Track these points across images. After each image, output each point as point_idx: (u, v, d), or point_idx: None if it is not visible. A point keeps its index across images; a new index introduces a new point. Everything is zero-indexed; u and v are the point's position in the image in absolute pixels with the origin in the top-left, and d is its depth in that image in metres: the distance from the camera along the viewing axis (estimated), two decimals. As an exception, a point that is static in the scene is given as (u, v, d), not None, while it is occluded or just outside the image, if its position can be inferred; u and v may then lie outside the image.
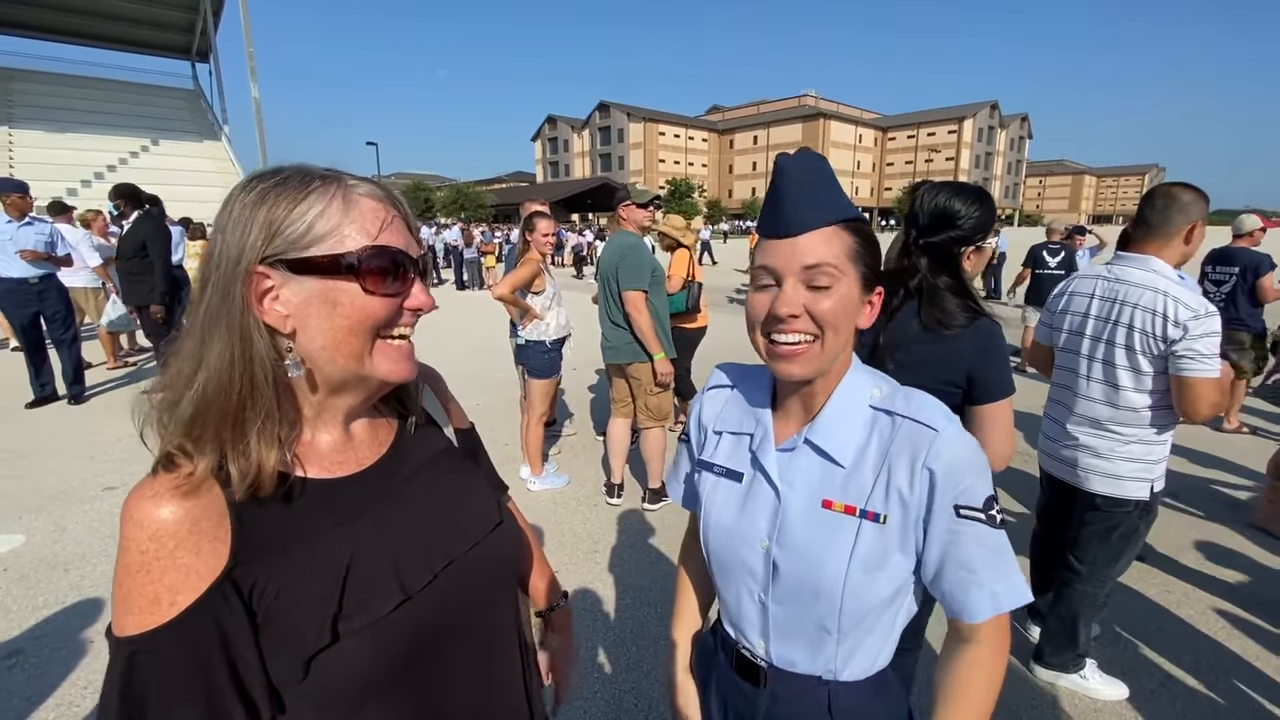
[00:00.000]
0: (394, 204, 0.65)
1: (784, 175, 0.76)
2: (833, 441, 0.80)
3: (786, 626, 0.83)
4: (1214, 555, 3.12)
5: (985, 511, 0.75)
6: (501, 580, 0.79)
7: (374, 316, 0.62)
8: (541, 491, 3.88)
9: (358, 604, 0.61)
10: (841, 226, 0.76)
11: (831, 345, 0.77)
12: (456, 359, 7.55)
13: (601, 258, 3.51)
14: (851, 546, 0.77)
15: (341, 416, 0.68)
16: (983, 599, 0.75)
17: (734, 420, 0.91)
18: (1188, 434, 4.83)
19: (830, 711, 0.83)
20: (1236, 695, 2.20)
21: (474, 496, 0.79)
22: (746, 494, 0.86)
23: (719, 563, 0.89)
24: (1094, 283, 2.02)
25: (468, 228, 18.18)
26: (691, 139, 80.00)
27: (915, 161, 78.67)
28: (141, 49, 24.01)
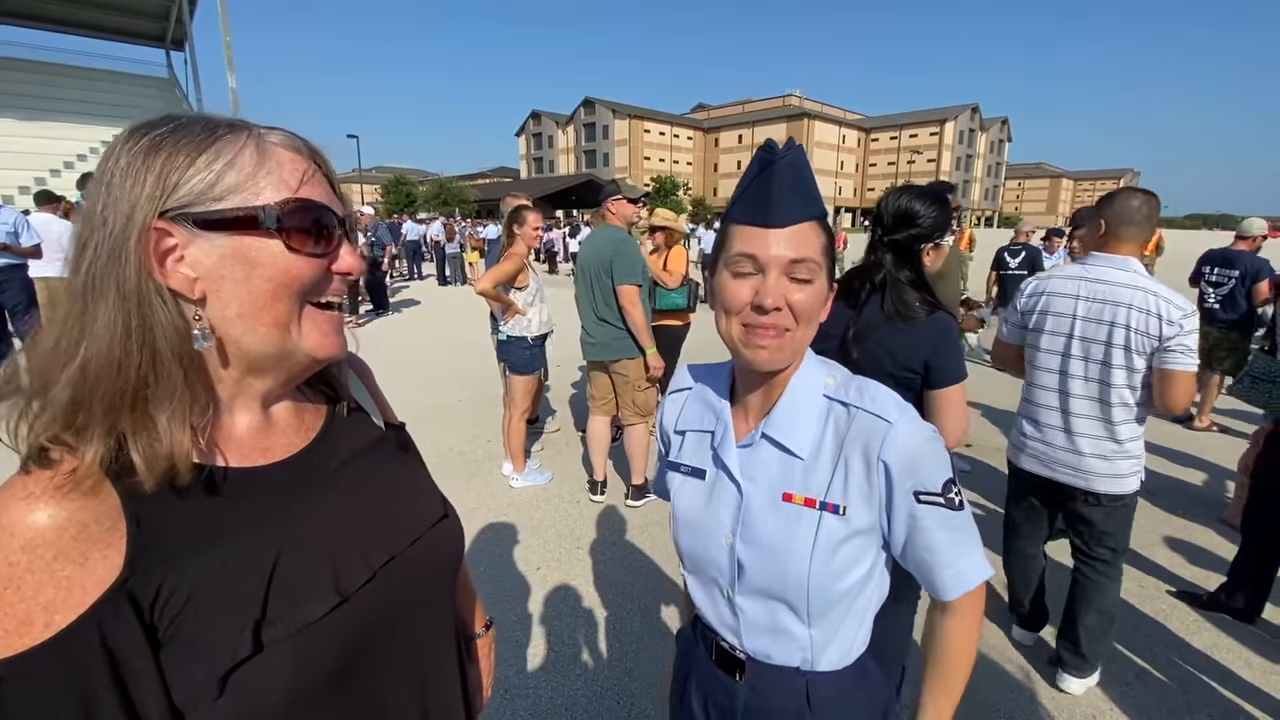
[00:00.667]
0: (314, 156, 0.59)
1: (776, 165, 0.75)
2: (790, 434, 0.81)
3: (756, 622, 0.84)
4: (1186, 551, 3.19)
5: (944, 495, 0.78)
6: (444, 578, 0.73)
7: (300, 278, 0.56)
8: (524, 488, 3.85)
9: (285, 608, 0.54)
10: (818, 223, 0.78)
11: (803, 338, 0.79)
12: (438, 355, 7.47)
13: (585, 252, 3.46)
14: (814, 539, 0.78)
15: (260, 399, 0.61)
16: (948, 579, 0.80)
17: (695, 419, 0.92)
18: (1160, 432, 4.94)
19: (809, 702, 0.83)
20: (1208, 687, 2.25)
21: (415, 488, 0.73)
22: (710, 491, 0.87)
23: (690, 560, 0.91)
24: (1073, 284, 2.03)
25: (450, 222, 17.97)
26: (677, 136, 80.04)
27: (898, 163, 79.51)
28: (114, 36, 23.39)
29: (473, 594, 0.93)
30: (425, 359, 7.30)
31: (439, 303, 12.21)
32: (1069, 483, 2.09)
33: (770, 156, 0.76)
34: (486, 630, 0.95)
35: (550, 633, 2.51)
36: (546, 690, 2.20)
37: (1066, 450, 2.07)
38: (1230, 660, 2.38)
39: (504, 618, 2.60)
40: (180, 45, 23.22)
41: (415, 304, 12.06)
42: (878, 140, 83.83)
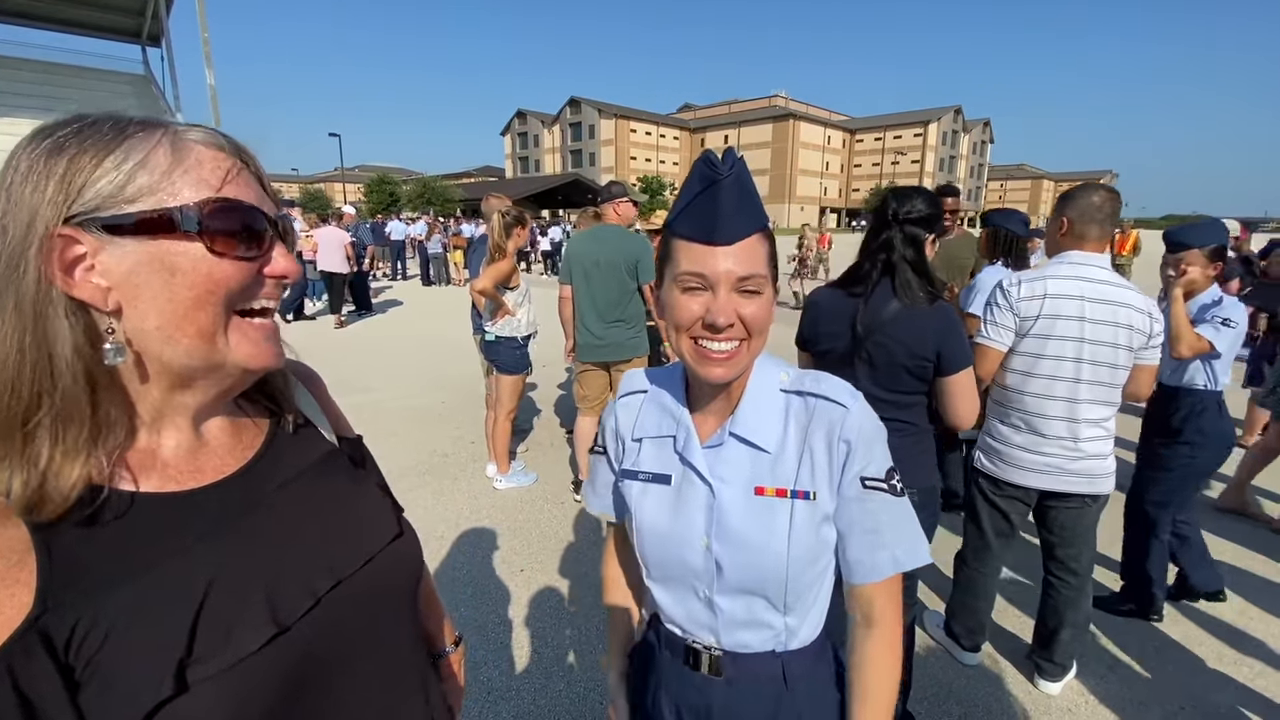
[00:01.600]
0: (238, 153, 0.55)
1: (721, 183, 0.74)
2: (756, 431, 0.83)
3: (735, 618, 0.84)
4: (1159, 545, 3.25)
5: (887, 481, 0.82)
6: (399, 600, 0.69)
7: (226, 284, 0.52)
8: (508, 490, 3.83)
9: (216, 642, 0.49)
10: (762, 233, 0.78)
11: (756, 348, 0.80)
12: (421, 356, 7.42)
13: (596, 250, 3.35)
14: (789, 527, 0.80)
15: (190, 417, 0.57)
16: (885, 559, 0.82)
17: (652, 425, 0.91)
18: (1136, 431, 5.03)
19: (785, 680, 0.86)
20: (1177, 677, 2.30)
21: (366, 506, 0.68)
22: (678, 495, 0.86)
23: (659, 568, 0.88)
24: (1074, 285, 1.93)
25: (435, 222, 17.82)
26: (663, 136, 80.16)
27: (882, 164, 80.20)
28: (88, 31, 22.92)
29: (440, 609, 0.90)
30: (408, 360, 7.24)
31: (423, 303, 12.11)
32: (1073, 490, 2.01)
33: (714, 174, 0.74)
34: (456, 646, 0.91)
35: (534, 635, 2.50)
36: (530, 692, 2.20)
37: (1075, 457, 1.98)
38: (1202, 651, 2.43)
39: (487, 620, 2.59)
40: (157, 41, 22.77)
41: (398, 304, 11.96)
42: (862, 141, 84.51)
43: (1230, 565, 3.06)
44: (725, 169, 0.74)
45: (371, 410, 5.33)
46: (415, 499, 3.70)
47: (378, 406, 5.45)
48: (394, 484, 0.75)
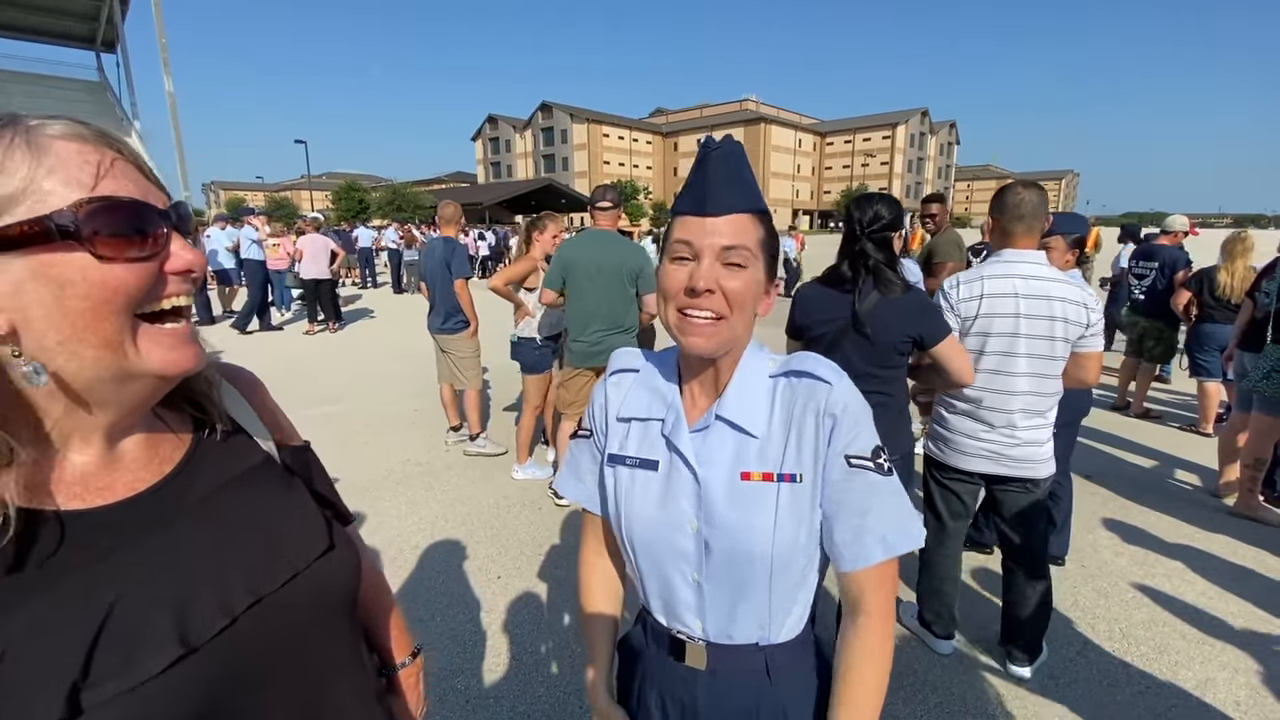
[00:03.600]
0: (109, 144, 0.50)
1: (711, 158, 0.78)
2: (743, 414, 0.83)
3: (723, 601, 0.84)
4: (1123, 531, 3.34)
5: (874, 460, 0.80)
6: (331, 617, 0.65)
7: (124, 290, 0.48)
8: (486, 497, 3.80)
9: (115, 665, 0.47)
10: (756, 216, 0.79)
11: (736, 325, 0.79)
12: (394, 364, 7.31)
13: (598, 256, 3.28)
14: (775, 510, 0.80)
15: (103, 431, 0.54)
16: (873, 542, 0.79)
17: (641, 406, 0.90)
18: (1100, 419, 5.18)
19: (768, 673, 0.86)
20: (1145, 658, 2.36)
21: (295, 518, 0.65)
22: (667, 480, 0.85)
23: (647, 554, 0.87)
24: (1008, 283, 2.04)
25: (409, 229, 17.59)
26: (636, 141, 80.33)
27: (852, 166, 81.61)
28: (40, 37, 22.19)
29: (397, 623, 0.87)
30: (380, 368, 7.13)
31: (394, 311, 11.94)
32: (1015, 474, 2.13)
33: (705, 150, 0.79)
34: (413, 659, 0.88)
35: (512, 641, 2.47)
36: (509, 699, 2.17)
37: (1019, 444, 2.10)
38: (1166, 634, 2.50)
39: (464, 628, 2.54)
40: (111, 47, 22.18)
41: (369, 313, 11.77)
42: (832, 144, 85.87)
43: (1190, 546, 3.16)
44: (715, 145, 0.78)
45: (343, 420, 5.22)
46: (389, 507, 3.63)
47: (349, 416, 5.34)
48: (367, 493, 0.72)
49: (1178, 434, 4.86)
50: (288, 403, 0.81)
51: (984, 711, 2.11)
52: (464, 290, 4.19)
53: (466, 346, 4.31)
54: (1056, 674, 2.27)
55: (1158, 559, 3.06)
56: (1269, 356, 3.31)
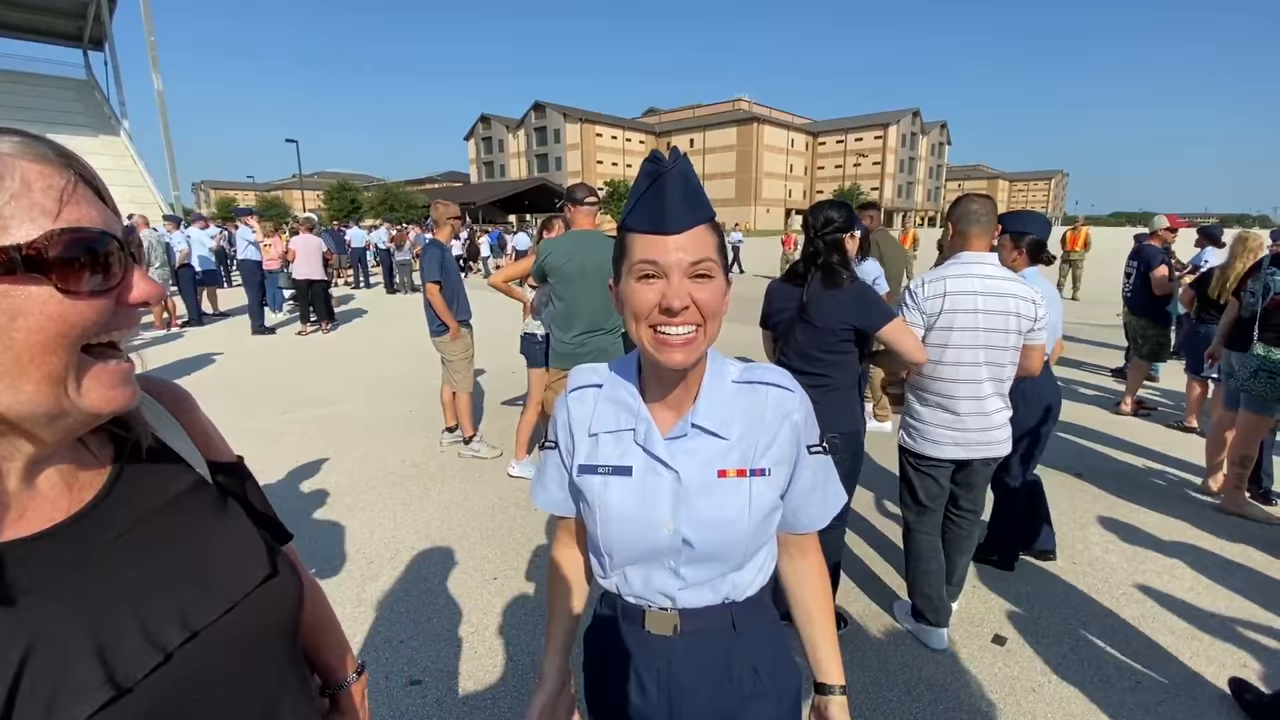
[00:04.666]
0: (69, 164, 0.47)
1: (666, 175, 0.80)
2: (716, 420, 0.89)
3: (697, 580, 0.91)
4: (1114, 528, 3.38)
5: (821, 444, 0.97)
6: (274, 644, 0.63)
7: (81, 324, 0.45)
8: (482, 498, 3.79)
9: (37, 712, 0.44)
10: (710, 225, 0.83)
11: (711, 333, 0.83)
12: (388, 365, 7.28)
13: (573, 257, 3.25)
14: (749, 502, 0.88)
15: (21, 464, 0.50)
16: (826, 510, 0.98)
17: (610, 419, 0.93)
18: (1092, 418, 5.23)
19: (734, 628, 0.94)
20: (1135, 653, 2.39)
21: (231, 544, 0.61)
22: (641, 484, 0.90)
23: (624, 554, 0.92)
24: (968, 282, 2.22)
25: (402, 229, 17.51)
26: (629, 140, 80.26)
27: (844, 166, 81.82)
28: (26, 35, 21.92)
29: (339, 638, 0.86)
30: (374, 370, 7.10)
31: (387, 312, 11.89)
32: (983, 456, 2.33)
33: (659, 168, 0.79)
34: (358, 675, 0.87)
35: (508, 643, 2.47)
36: (507, 700, 2.17)
37: (983, 429, 2.29)
38: (1156, 629, 2.53)
39: (461, 631, 2.54)
40: (99, 45, 21.96)
41: (363, 313, 11.72)
42: (825, 144, 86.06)
43: (1179, 543, 3.20)
44: (669, 164, 0.80)
45: (337, 421, 5.20)
46: (384, 509, 3.63)
47: (343, 418, 5.32)
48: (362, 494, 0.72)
49: (1167, 432, 4.91)
50: (281, 405, 0.82)
51: (977, 709, 2.13)
52: (434, 294, 4.18)
53: (453, 349, 4.32)
54: (1049, 670, 2.30)
55: (1147, 555, 3.10)
56: (1255, 356, 3.35)
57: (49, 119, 19.92)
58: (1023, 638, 2.48)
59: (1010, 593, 2.78)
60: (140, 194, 18.58)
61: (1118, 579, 2.89)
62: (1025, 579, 2.89)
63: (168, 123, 19.24)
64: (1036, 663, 2.34)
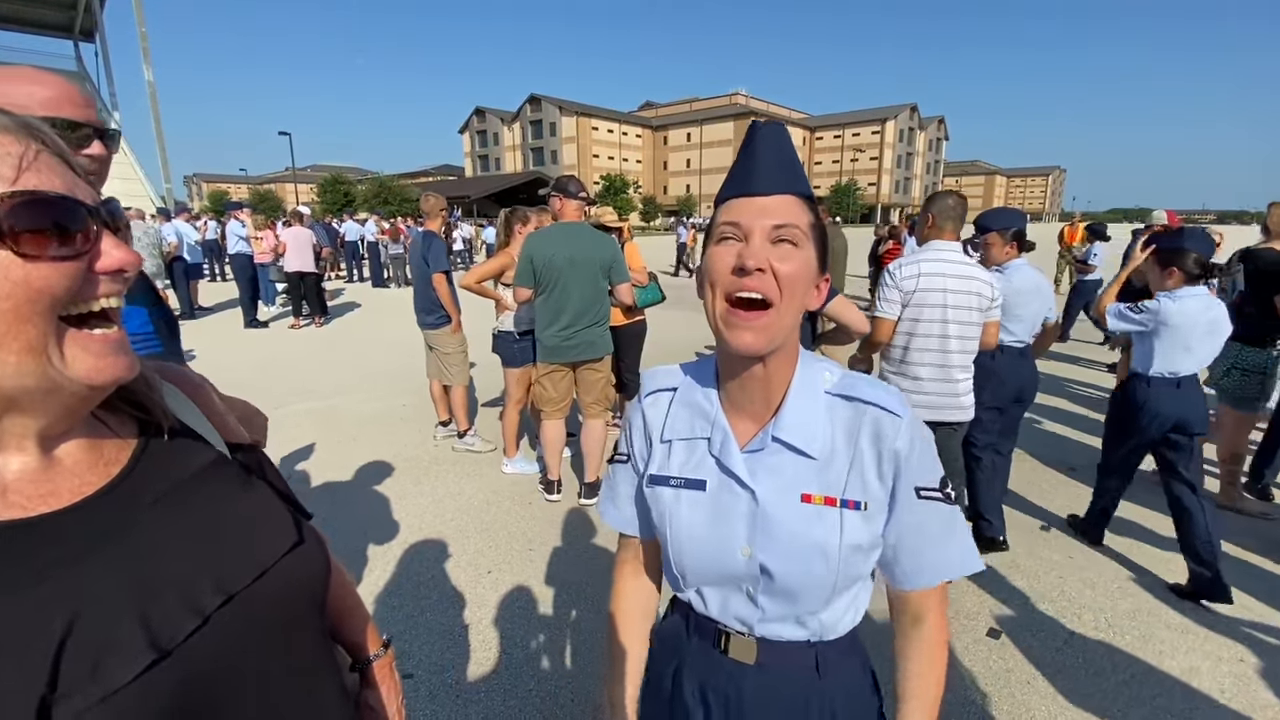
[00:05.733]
0: (32, 134, 0.47)
1: (759, 139, 0.77)
2: (801, 435, 0.78)
3: (778, 614, 0.82)
4: (1113, 523, 3.38)
5: (942, 490, 0.80)
6: (303, 612, 0.63)
7: (48, 290, 0.45)
8: (476, 492, 3.77)
9: (84, 675, 0.44)
10: (804, 201, 0.77)
11: (786, 315, 0.74)
12: (381, 359, 7.25)
13: (573, 249, 3.24)
14: (840, 536, 0.77)
15: (35, 438, 0.50)
16: (936, 567, 0.81)
17: (684, 426, 0.86)
18: (1087, 414, 5.23)
19: (818, 670, 0.83)
20: (1131, 647, 2.39)
21: (259, 513, 0.62)
22: (715, 501, 0.81)
23: (698, 575, 0.84)
24: (938, 266, 2.56)
25: (395, 222, 17.41)
26: (625, 134, 79.98)
27: (842, 161, 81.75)
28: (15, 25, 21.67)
29: (364, 614, 0.86)
30: (368, 363, 7.06)
31: (379, 305, 11.84)
32: (948, 420, 2.62)
33: (754, 131, 0.78)
34: (385, 650, 0.87)
35: (503, 636, 2.45)
36: (500, 693, 2.15)
37: (949, 395, 2.59)
38: (1151, 623, 2.53)
39: (454, 623, 2.53)
40: (90, 36, 21.72)
41: (355, 307, 11.66)
42: (822, 139, 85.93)
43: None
44: (761, 126, 0.77)
45: (331, 415, 5.17)
46: (378, 502, 3.60)
47: (337, 411, 5.29)
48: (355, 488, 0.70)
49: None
50: (273, 399, 0.80)
51: (971, 701, 2.13)
52: (442, 285, 4.15)
53: (450, 342, 4.28)
54: (1043, 664, 2.30)
55: (1143, 549, 3.10)
56: (1228, 353, 3.35)
57: (39, 110, 19.68)
58: (1017, 631, 2.48)
59: (1004, 586, 2.78)
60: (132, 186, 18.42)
61: (1112, 572, 2.90)
62: (1020, 573, 2.88)
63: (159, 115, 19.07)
64: (1031, 656, 2.33)
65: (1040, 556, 3.02)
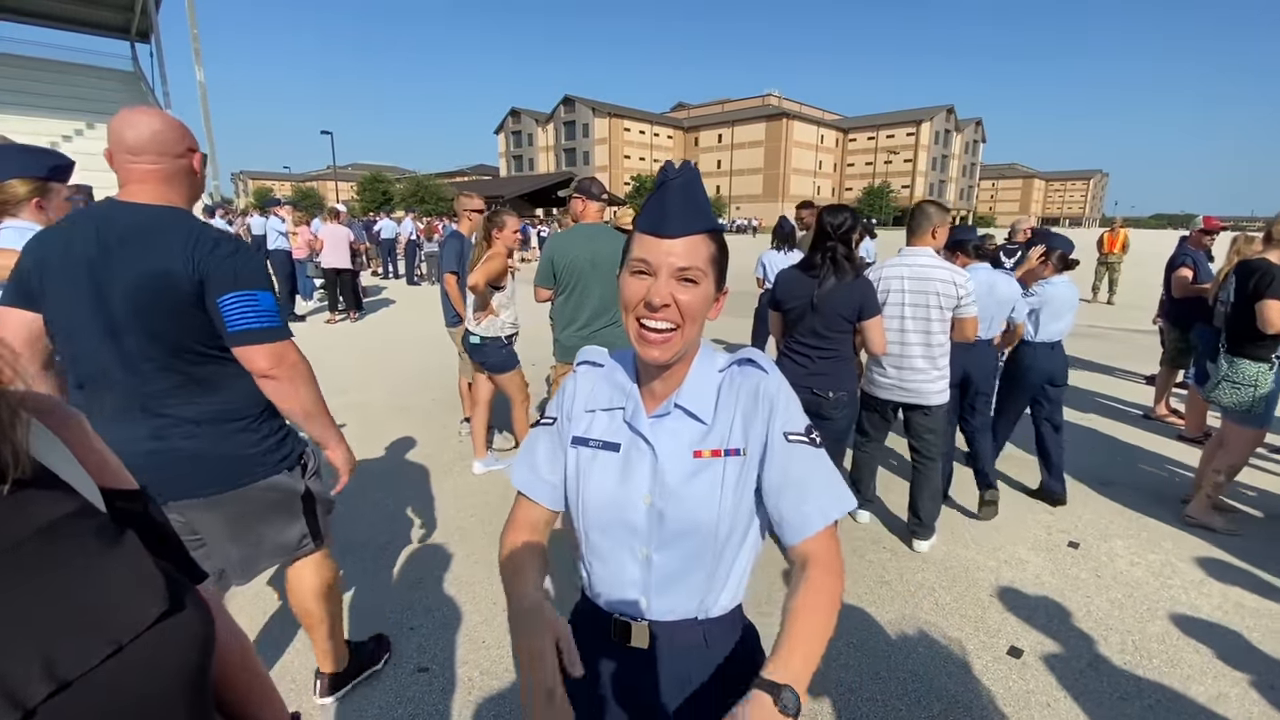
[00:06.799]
0: None
1: (670, 184, 0.87)
2: (697, 403, 0.94)
3: (670, 573, 0.93)
4: (1141, 540, 3.28)
5: (807, 435, 0.92)
6: (175, 695, 0.52)
7: None
8: (496, 487, 3.83)
9: None
10: (708, 235, 0.88)
11: (689, 333, 0.90)
12: (410, 354, 7.39)
13: (583, 251, 3.25)
14: (721, 478, 0.91)
15: None
16: (813, 512, 0.88)
17: (604, 398, 1.00)
18: (1119, 428, 5.06)
19: (706, 644, 0.96)
20: (1158, 671, 2.31)
21: (120, 577, 0.51)
22: (625, 460, 0.95)
23: (599, 530, 0.96)
24: (899, 269, 2.97)
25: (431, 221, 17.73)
26: (657, 135, 79.97)
27: (875, 163, 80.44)
28: (77, 27, 22.68)
29: (266, 685, 0.75)
30: (398, 359, 7.22)
31: (413, 302, 12.07)
32: (909, 402, 3.03)
33: (664, 177, 0.88)
34: None
35: (517, 633, 2.49)
36: (511, 692, 2.19)
37: (912, 382, 2.99)
38: (1180, 647, 2.45)
39: (469, 619, 2.58)
40: (146, 37, 22.59)
41: (390, 303, 11.91)
42: (855, 140, 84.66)
43: (1209, 558, 3.09)
44: (674, 173, 0.88)
45: (360, 410, 5.30)
46: (402, 496, 3.69)
47: (366, 406, 5.42)
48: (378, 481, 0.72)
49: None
50: None
51: (988, 720, 2.09)
52: (450, 285, 4.23)
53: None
54: (1066, 685, 2.24)
55: (1175, 570, 3.00)
56: (1221, 365, 3.27)
57: (98, 109, 20.63)
58: (1039, 651, 2.42)
59: (1027, 604, 2.71)
60: (180, 183, 19.09)
61: (1142, 594, 2.80)
62: (1044, 590, 2.81)
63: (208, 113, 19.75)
64: (1052, 677, 2.27)
65: (1066, 574, 2.95)
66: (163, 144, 1.52)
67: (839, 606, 0.85)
